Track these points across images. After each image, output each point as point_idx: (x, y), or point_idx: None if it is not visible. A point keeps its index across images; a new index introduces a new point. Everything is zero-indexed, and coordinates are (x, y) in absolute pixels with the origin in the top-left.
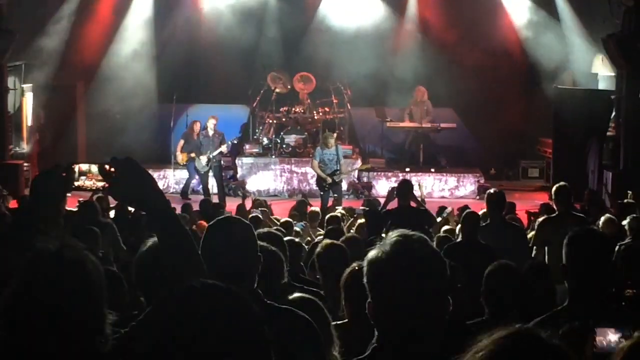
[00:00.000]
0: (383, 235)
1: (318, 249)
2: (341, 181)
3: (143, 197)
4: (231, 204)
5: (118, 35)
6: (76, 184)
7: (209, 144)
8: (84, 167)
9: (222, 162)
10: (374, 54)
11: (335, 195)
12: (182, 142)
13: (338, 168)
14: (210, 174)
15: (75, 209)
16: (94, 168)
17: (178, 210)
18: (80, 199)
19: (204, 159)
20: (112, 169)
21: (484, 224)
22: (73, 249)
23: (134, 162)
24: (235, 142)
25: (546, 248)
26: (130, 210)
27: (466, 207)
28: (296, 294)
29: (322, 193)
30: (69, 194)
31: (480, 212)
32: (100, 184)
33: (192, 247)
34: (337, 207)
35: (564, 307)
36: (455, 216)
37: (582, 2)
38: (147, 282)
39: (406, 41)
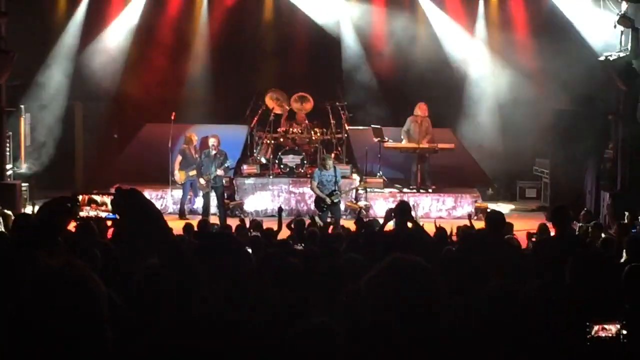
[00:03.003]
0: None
1: None
2: (339, 202)
3: (144, 231)
4: (230, 224)
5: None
6: (81, 214)
7: (209, 164)
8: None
9: (224, 182)
10: (372, 72)
11: (334, 216)
12: (179, 158)
13: (336, 189)
14: (212, 194)
15: (73, 230)
16: (101, 199)
17: (179, 231)
18: (79, 219)
19: (203, 181)
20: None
21: (482, 244)
22: (76, 267)
23: (137, 194)
24: (232, 167)
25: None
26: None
27: (467, 226)
28: None
29: (320, 213)
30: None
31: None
32: (104, 214)
33: (191, 275)
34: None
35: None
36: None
37: (580, 21)
38: (143, 302)
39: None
